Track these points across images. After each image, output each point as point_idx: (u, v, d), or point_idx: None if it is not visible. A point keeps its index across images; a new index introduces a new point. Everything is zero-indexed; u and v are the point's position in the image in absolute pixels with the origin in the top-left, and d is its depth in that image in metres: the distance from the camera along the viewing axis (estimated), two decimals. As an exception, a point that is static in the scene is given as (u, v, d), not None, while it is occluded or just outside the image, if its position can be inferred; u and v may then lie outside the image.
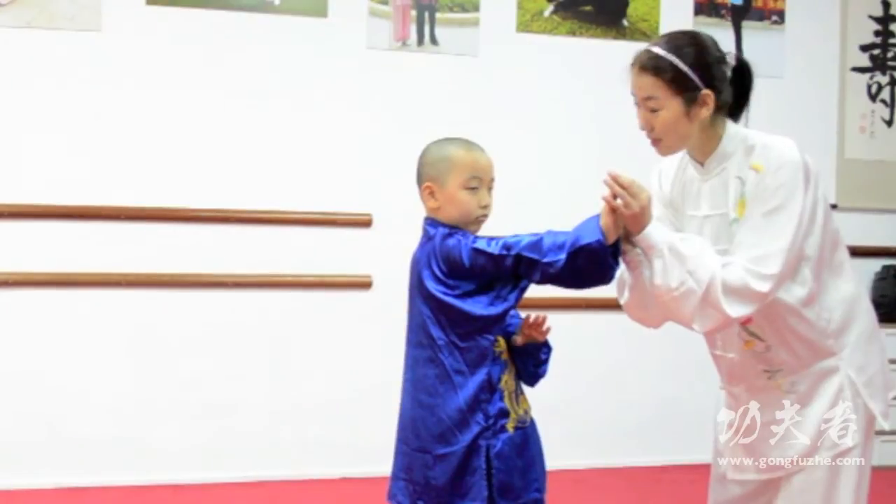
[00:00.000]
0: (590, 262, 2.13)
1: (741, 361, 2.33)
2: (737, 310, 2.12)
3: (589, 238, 2.12)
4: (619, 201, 2.14)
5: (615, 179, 2.15)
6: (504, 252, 2.16)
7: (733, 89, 2.28)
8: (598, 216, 2.16)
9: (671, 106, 2.21)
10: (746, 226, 2.18)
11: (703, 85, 2.21)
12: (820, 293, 2.24)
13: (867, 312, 2.34)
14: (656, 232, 2.18)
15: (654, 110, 2.23)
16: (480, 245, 2.19)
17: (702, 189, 2.32)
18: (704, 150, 2.29)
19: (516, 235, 2.20)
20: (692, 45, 2.23)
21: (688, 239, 2.20)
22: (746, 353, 2.31)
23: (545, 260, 2.13)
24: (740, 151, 2.24)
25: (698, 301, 2.12)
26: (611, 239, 2.14)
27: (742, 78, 2.29)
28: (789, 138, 2.22)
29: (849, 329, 2.27)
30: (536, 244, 2.15)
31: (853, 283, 2.31)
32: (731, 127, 2.28)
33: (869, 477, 2.29)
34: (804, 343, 2.24)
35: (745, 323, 2.24)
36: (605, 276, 2.18)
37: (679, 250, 2.14)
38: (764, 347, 2.27)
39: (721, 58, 2.26)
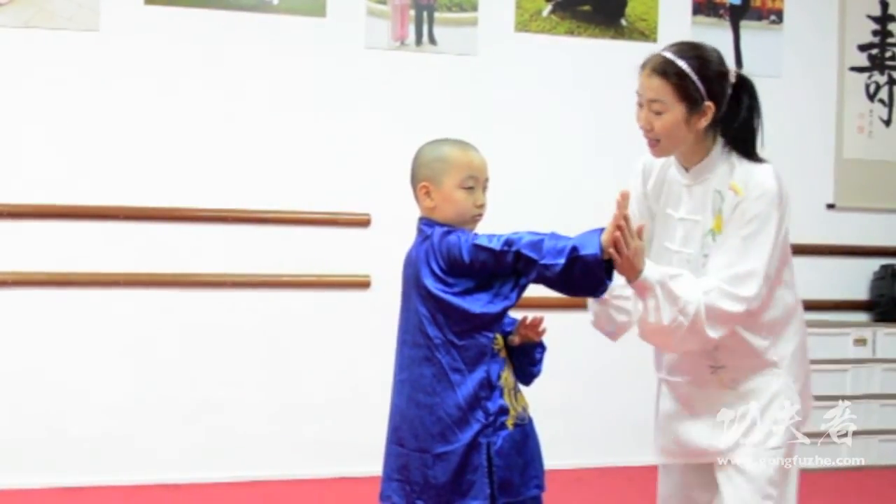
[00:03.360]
0: (584, 274, 2.14)
1: (687, 355, 2.39)
2: (717, 332, 2.24)
3: (587, 250, 2.12)
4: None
5: (623, 216, 2.12)
6: (505, 248, 2.17)
7: (731, 104, 2.33)
8: (600, 230, 2.16)
9: (675, 111, 2.29)
10: (725, 246, 2.27)
11: (707, 96, 2.28)
12: (766, 307, 2.32)
13: (803, 322, 2.45)
14: (650, 274, 2.20)
15: (658, 113, 2.30)
16: (481, 241, 2.19)
17: (682, 192, 2.40)
18: (691, 159, 2.38)
19: (517, 232, 2.20)
20: (699, 58, 2.31)
21: (678, 277, 2.24)
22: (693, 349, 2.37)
23: (543, 262, 2.14)
24: (724, 167, 2.33)
25: (684, 332, 2.22)
26: (608, 256, 2.14)
27: (740, 94, 2.34)
28: (768, 163, 2.30)
29: (788, 338, 2.38)
30: (537, 244, 2.16)
31: (793, 294, 2.41)
32: (720, 142, 2.35)
33: (798, 476, 2.38)
34: (747, 348, 2.33)
35: None
36: (595, 290, 2.21)
37: (671, 290, 2.20)
38: (712, 346, 2.33)
39: (724, 73, 2.33)
